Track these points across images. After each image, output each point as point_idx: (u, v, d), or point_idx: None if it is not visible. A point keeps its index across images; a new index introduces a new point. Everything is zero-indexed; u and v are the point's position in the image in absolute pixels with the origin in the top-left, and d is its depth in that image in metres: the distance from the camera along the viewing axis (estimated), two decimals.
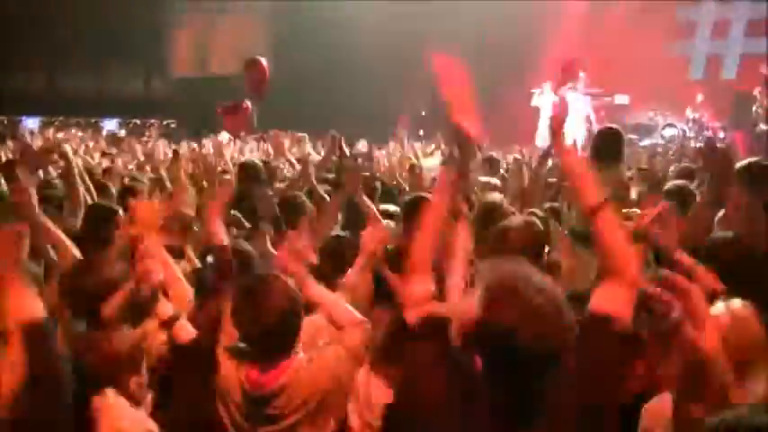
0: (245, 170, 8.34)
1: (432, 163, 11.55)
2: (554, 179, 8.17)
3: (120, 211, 5.63)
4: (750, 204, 5.01)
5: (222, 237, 4.26)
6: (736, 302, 3.16)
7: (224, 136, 16.46)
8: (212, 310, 3.90)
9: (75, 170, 6.70)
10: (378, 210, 6.30)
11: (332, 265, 4.73)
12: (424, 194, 5.47)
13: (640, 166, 11.18)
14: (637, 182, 8.76)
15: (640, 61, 22.33)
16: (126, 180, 8.87)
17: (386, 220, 6.03)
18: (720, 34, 23.74)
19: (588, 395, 2.47)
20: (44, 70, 27.72)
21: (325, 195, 7.38)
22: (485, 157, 10.25)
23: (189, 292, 4.29)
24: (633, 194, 7.69)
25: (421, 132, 21.30)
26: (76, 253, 4.81)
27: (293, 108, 22.15)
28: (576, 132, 20.30)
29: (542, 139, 20.13)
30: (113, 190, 7.64)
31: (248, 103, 15.39)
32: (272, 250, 5.26)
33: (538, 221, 4.83)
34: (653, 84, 22.28)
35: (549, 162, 7.76)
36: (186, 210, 6.08)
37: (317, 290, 3.96)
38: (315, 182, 7.97)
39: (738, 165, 5.67)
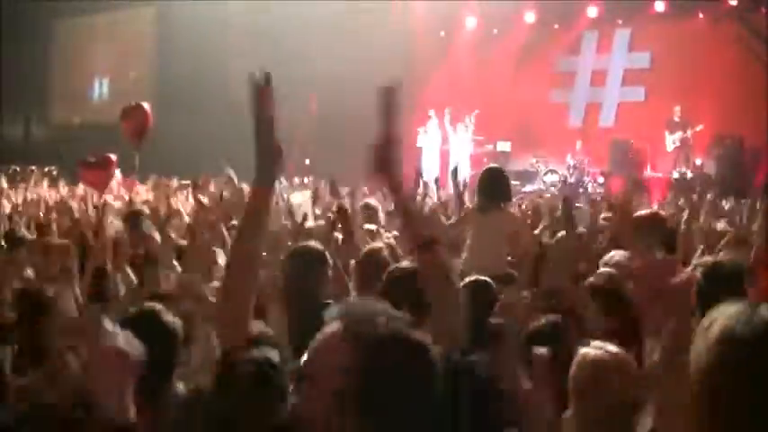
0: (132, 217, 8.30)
1: (300, 198, 11.51)
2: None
3: None
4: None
5: None
6: None
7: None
8: None
9: None
10: None
11: None
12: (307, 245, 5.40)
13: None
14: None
15: (521, 107, 22.82)
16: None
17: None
18: (598, 83, 24.43)
19: None
20: None
21: None
22: (362, 204, 10.21)
23: None
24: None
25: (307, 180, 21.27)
26: None
27: (176, 151, 21.97)
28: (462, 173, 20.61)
29: (427, 174, 20.41)
30: None
31: (113, 158, 14.92)
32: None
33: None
34: (534, 130, 22.79)
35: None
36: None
37: None
38: None
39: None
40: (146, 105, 16.94)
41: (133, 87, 26.17)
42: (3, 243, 7.32)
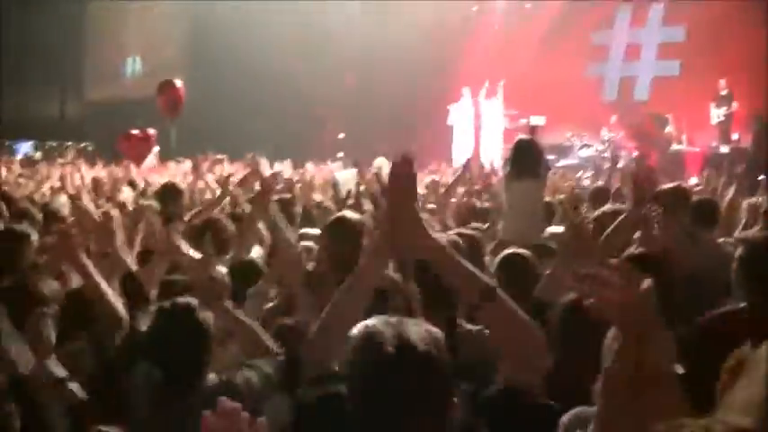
0: (165, 192, 8.30)
1: (346, 175, 11.52)
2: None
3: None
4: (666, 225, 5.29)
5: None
6: None
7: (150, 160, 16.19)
8: None
9: None
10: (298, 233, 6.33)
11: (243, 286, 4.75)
12: (345, 215, 5.38)
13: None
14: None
15: (555, 82, 22.66)
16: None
17: (308, 242, 6.02)
18: (633, 57, 24.24)
19: None
20: None
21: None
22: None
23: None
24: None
25: (340, 154, 21.28)
26: None
27: (213, 129, 22.01)
28: (493, 151, 20.57)
29: (460, 154, 20.40)
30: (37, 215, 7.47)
31: (152, 132, 15.14)
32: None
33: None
34: (568, 105, 22.63)
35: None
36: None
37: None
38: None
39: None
40: (178, 82, 17.15)
41: (166, 64, 26.24)
42: (41, 218, 7.35)
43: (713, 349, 2.65)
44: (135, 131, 14.87)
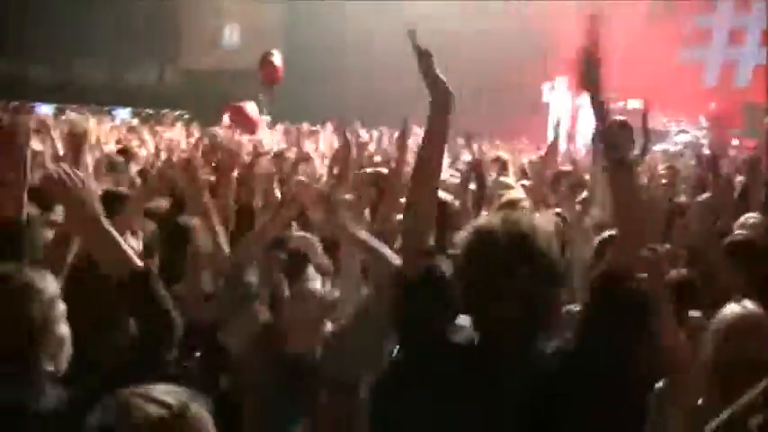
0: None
1: None
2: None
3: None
4: None
5: None
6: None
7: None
8: None
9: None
10: None
11: None
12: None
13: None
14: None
15: (653, 66, 22.28)
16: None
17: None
18: (736, 41, 23.68)
19: None
20: (60, 58, 27.84)
21: None
22: (493, 158, 10.14)
23: None
24: None
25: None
26: None
27: (307, 97, 22.20)
28: (589, 133, 20.32)
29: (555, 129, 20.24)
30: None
31: (252, 105, 15.32)
32: None
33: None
34: (666, 89, 22.22)
35: None
36: None
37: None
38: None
39: None
40: (275, 52, 17.34)
41: (263, 34, 26.46)
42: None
43: None
44: (240, 103, 15.12)
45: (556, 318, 2.51)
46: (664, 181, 9.20)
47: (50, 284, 2.74)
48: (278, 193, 6.66)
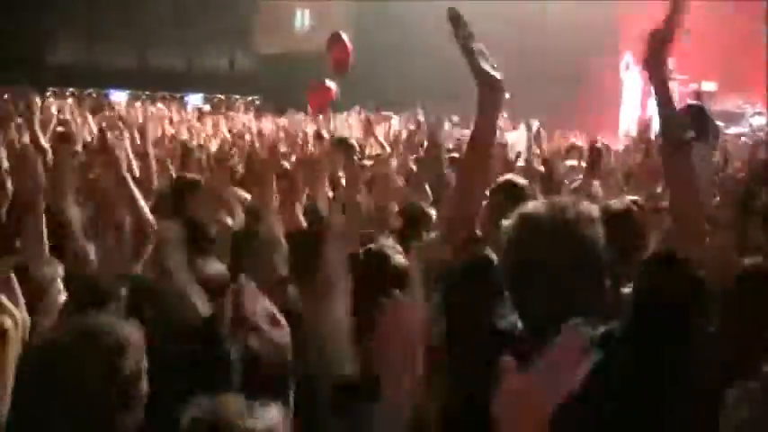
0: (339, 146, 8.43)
1: (515, 137, 11.36)
2: None
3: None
4: None
5: None
6: None
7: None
8: None
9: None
10: None
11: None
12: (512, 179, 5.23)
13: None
14: None
15: (729, 47, 21.82)
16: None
17: None
18: None
19: None
20: (133, 45, 28.30)
21: None
22: (567, 147, 10.10)
23: None
24: None
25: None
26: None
27: (376, 84, 22.20)
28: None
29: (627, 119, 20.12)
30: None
31: (332, 85, 15.47)
32: None
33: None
34: (742, 71, 21.77)
35: None
36: None
37: None
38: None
39: None
40: (344, 35, 17.39)
41: (334, 17, 26.51)
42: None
43: None
44: (317, 85, 15.30)
45: (598, 305, 2.47)
46: (738, 164, 9.05)
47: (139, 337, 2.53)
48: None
